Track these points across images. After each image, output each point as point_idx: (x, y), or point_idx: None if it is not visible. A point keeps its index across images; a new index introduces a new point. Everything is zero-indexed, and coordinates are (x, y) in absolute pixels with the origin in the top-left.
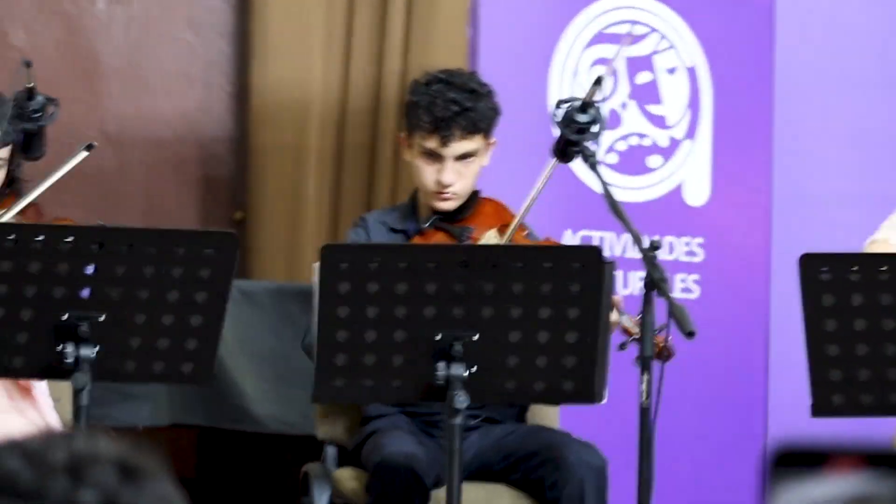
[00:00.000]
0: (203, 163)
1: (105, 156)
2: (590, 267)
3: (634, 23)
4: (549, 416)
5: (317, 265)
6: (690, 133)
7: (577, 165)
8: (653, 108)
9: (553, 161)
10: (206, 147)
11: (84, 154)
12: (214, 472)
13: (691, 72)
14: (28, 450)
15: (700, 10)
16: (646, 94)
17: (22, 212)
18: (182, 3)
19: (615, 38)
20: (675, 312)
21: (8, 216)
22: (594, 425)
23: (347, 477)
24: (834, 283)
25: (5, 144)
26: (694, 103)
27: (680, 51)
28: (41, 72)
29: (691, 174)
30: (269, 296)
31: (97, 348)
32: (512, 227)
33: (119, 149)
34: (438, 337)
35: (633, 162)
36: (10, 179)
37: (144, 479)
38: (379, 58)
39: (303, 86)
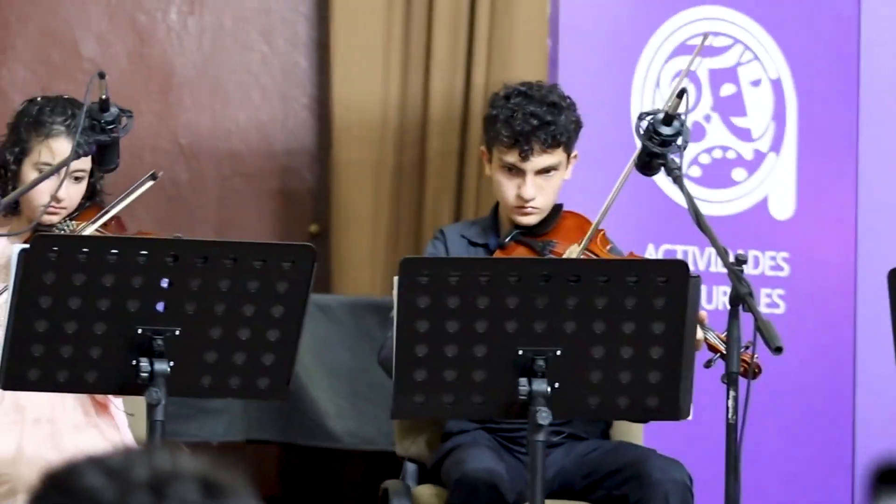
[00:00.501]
0: (278, 175)
1: (179, 168)
2: (675, 281)
3: (717, 34)
4: (633, 432)
5: (396, 279)
6: (775, 146)
7: (660, 178)
8: (737, 121)
9: (628, 169)
10: (280, 159)
11: (150, 184)
12: (297, 489)
13: (776, 84)
14: (110, 466)
15: (784, 22)
16: (730, 107)
17: (104, 225)
18: (256, 14)
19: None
20: (762, 328)
21: (90, 229)
22: (679, 442)
23: (427, 494)
24: None
25: (81, 156)
26: (779, 116)
27: (764, 62)
28: (113, 83)
29: (776, 187)
30: (346, 310)
31: (172, 363)
32: (588, 233)
33: (193, 161)
34: (520, 352)
35: (717, 175)
36: (91, 192)
37: (226, 496)
38: (459, 71)
39: (382, 99)
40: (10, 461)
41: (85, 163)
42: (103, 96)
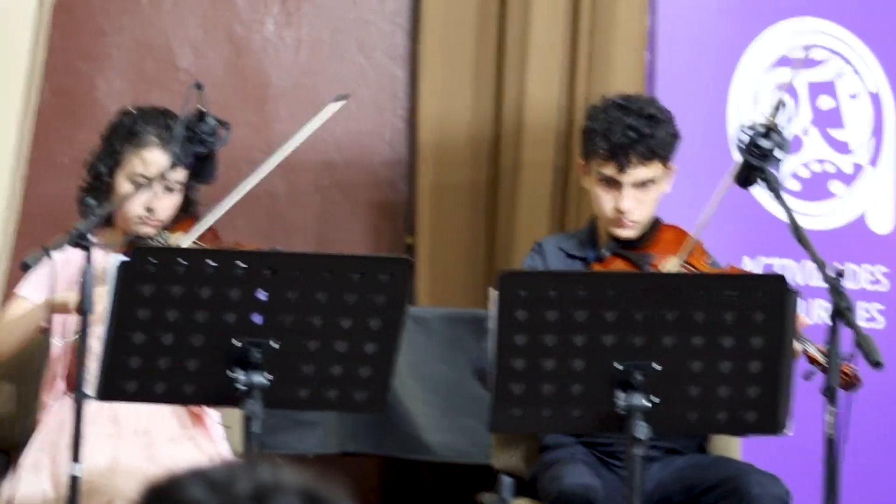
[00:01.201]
0: (373, 187)
1: (275, 180)
2: (774, 296)
3: (815, 47)
4: (730, 446)
5: (494, 292)
6: (874, 160)
7: (757, 191)
8: (835, 134)
9: (726, 181)
10: (376, 171)
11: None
12: (391, 502)
13: (874, 97)
14: (213, 479)
15: (884, 35)
16: (828, 120)
17: (201, 237)
18: (352, 25)
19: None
20: (862, 342)
21: (187, 241)
22: (778, 456)
23: None
24: None
25: (177, 167)
26: (877, 130)
27: (863, 76)
28: (209, 94)
29: (875, 201)
30: (441, 322)
31: (270, 375)
32: (686, 246)
33: (290, 173)
34: (619, 366)
35: (815, 188)
36: (187, 203)
37: None
38: (556, 83)
39: (475, 111)
40: (107, 473)
41: (178, 173)
42: (200, 107)
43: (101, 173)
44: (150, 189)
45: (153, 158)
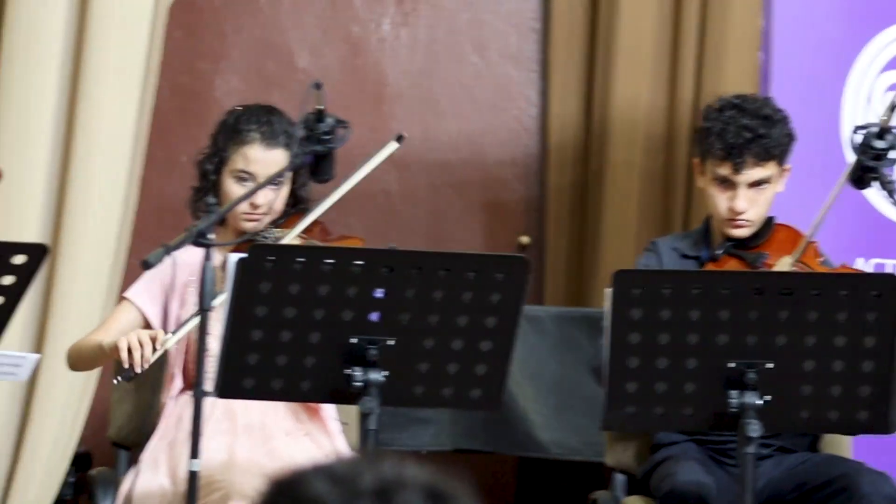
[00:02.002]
0: (488, 186)
1: (390, 178)
2: (888, 295)
3: None
4: (842, 445)
5: (609, 290)
6: None
7: (870, 192)
8: None
9: (840, 182)
10: (491, 171)
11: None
12: (504, 499)
13: None
14: (337, 474)
15: None
16: None
17: (308, 230)
18: (468, 25)
19: None
20: None
21: (292, 235)
22: (888, 455)
23: None
24: None
25: (297, 167)
26: None
27: None
28: (326, 94)
29: None
30: (554, 321)
31: (386, 373)
32: (800, 246)
33: (404, 171)
34: (732, 365)
35: None
36: (296, 199)
37: None
38: (670, 84)
39: (593, 111)
40: (223, 468)
41: (279, 168)
42: (319, 107)
43: (208, 171)
44: (255, 185)
45: (255, 155)
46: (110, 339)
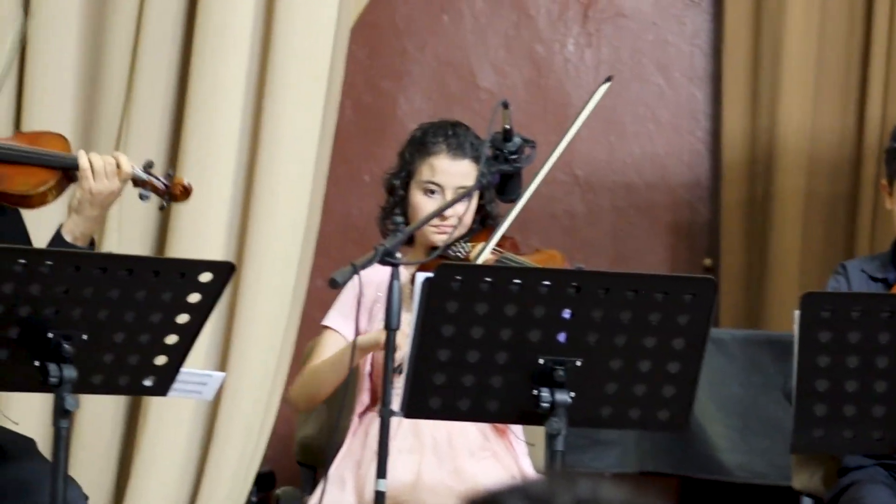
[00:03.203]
0: (671, 208)
1: (574, 199)
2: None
3: None
4: None
5: (797, 313)
6: None
7: None
8: None
9: None
10: (675, 192)
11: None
12: None
13: None
14: (533, 494)
15: None
16: None
17: (499, 244)
18: (652, 46)
19: None
20: None
21: (485, 253)
22: None
23: None
24: None
25: (484, 186)
26: None
27: None
28: (510, 113)
29: None
30: (739, 344)
31: (573, 393)
32: None
33: (588, 193)
34: None
35: None
36: (484, 215)
37: None
38: (856, 105)
39: (774, 133)
40: (410, 487)
41: (468, 180)
42: (506, 126)
43: (395, 186)
44: (441, 199)
45: (441, 165)
46: None
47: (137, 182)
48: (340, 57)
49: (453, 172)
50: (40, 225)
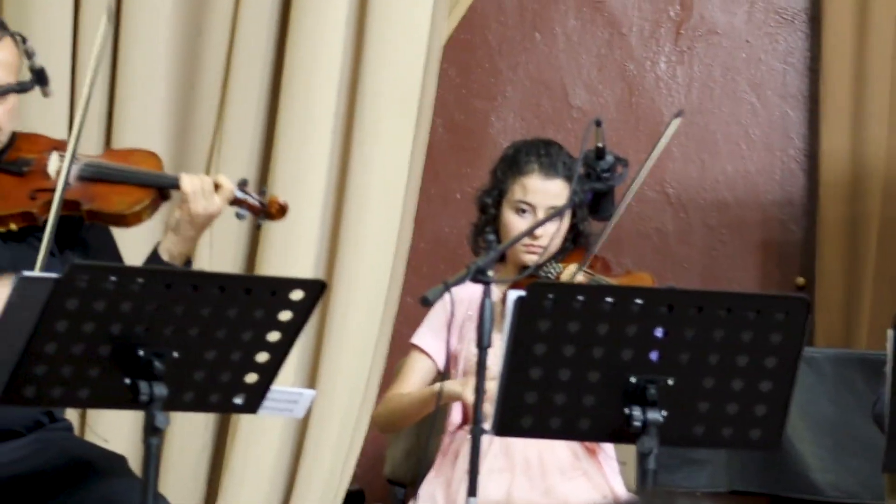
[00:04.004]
0: (763, 226)
1: (665, 218)
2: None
3: None
4: None
5: (891, 332)
6: None
7: None
8: None
9: None
10: (767, 211)
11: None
12: None
13: None
14: None
15: None
16: None
17: (591, 265)
18: (744, 64)
19: None
20: None
21: (570, 270)
22: None
23: None
24: None
25: (576, 204)
26: None
27: None
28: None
29: None
30: (830, 363)
31: (665, 412)
32: None
33: (680, 211)
34: None
35: None
36: (576, 234)
37: None
38: None
39: (869, 153)
40: None
41: (560, 199)
42: (599, 144)
43: (487, 205)
44: (533, 218)
45: (534, 185)
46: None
47: (234, 201)
48: (432, 75)
49: (545, 192)
50: (135, 243)
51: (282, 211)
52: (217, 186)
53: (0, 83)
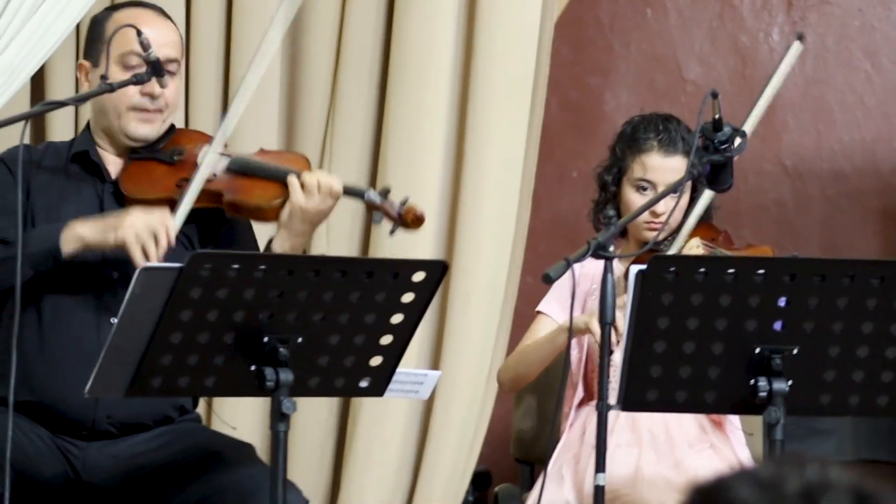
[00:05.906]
0: (882, 195)
1: (783, 189)
2: None
3: None
4: None
5: None
6: None
7: None
8: None
9: None
10: (886, 178)
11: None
12: None
13: None
14: (762, 479)
15: None
16: None
17: (713, 238)
18: (859, 32)
19: None
20: None
21: (692, 244)
22: None
23: None
24: None
25: (695, 176)
26: None
27: None
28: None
29: None
30: None
31: (790, 382)
32: None
33: (798, 182)
34: None
35: None
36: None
37: None
38: None
39: None
40: (630, 482)
41: (680, 174)
42: (716, 116)
43: (607, 182)
44: (655, 193)
45: (653, 163)
46: None
47: (372, 206)
48: (545, 55)
49: (665, 169)
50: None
51: (417, 221)
52: (328, 184)
53: (172, 60)
